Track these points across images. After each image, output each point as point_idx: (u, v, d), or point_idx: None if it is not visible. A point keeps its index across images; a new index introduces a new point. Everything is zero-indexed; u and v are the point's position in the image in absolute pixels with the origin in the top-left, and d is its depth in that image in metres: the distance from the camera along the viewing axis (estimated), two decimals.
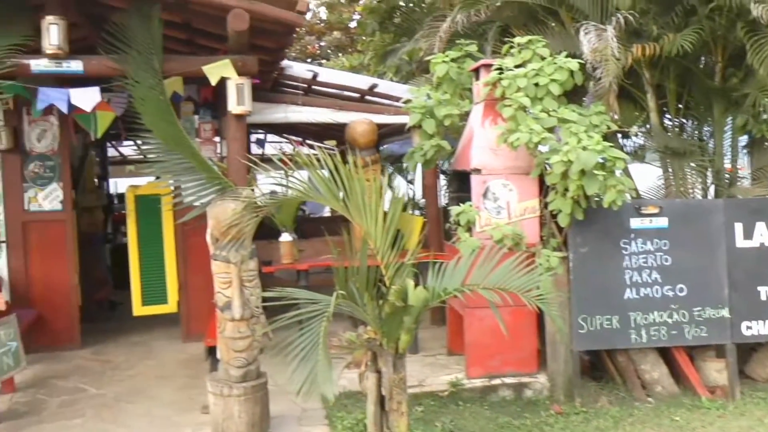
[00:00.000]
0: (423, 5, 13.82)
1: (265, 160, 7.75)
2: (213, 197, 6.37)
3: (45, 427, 7.09)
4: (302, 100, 9.59)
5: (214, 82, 6.58)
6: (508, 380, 7.52)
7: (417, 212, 13.21)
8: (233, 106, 6.51)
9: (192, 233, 9.49)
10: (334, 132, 11.53)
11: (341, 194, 5.48)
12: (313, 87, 10.29)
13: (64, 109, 6.90)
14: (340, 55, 23.63)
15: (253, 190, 6.36)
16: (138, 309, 9.75)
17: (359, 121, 9.06)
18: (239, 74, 6.49)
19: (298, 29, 7.33)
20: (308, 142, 14.82)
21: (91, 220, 11.66)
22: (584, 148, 6.53)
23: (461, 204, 7.37)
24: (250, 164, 6.57)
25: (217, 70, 6.51)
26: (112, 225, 14.80)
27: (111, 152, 16.76)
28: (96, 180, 13.15)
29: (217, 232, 6.13)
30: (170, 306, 9.78)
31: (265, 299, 6.28)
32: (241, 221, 5.91)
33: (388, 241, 5.46)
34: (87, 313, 10.38)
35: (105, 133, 8.22)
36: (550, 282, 6.40)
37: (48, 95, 6.81)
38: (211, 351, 7.35)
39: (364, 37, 18.08)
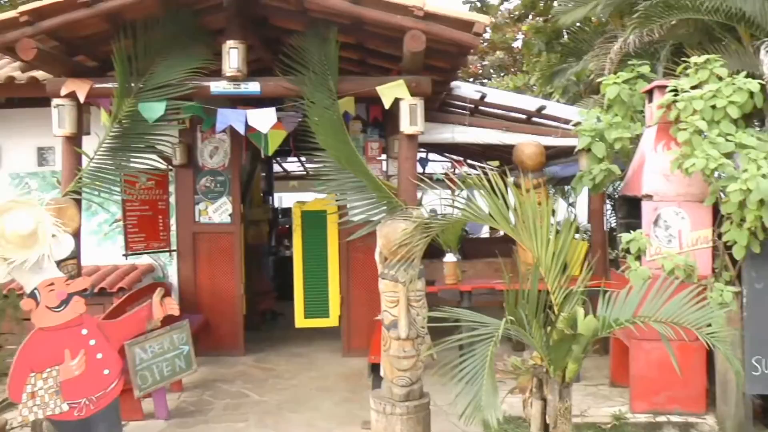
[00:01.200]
0: (590, 25, 13.57)
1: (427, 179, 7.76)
2: (383, 216, 6.43)
3: (211, 427, 7.41)
4: (469, 121, 9.56)
5: (387, 103, 6.64)
6: (674, 418, 7.18)
7: (578, 236, 12.96)
8: (406, 127, 6.54)
9: (355, 249, 9.68)
10: (498, 153, 11.48)
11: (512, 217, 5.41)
12: (480, 107, 10.24)
13: (242, 130, 7.12)
14: (502, 75, 23.51)
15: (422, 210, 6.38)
16: (300, 321, 9.95)
17: (527, 143, 8.98)
18: (412, 95, 6.52)
19: (472, 50, 7.29)
20: (469, 161, 14.79)
21: (257, 233, 12.02)
22: (764, 176, 6.22)
23: (630, 231, 7.17)
24: (420, 184, 6.61)
25: (391, 90, 6.56)
26: (275, 238, 15.19)
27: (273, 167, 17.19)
28: (261, 194, 13.47)
29: (387, 251, 6.20)
30: (331, 320, 9.95)
31: (430, 319, 6.30)
32: (411, 241, 5.95)
33: (558, 267, 5.35)
34: (250, 322, 10.70)
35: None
36: (723, 318, 6.13)
37: (227, 116, 7.05)
38: (374, 368, 7.41)
39: (529, 57, 17.94)
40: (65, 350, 5.50)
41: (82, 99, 6.76)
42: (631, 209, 7.98)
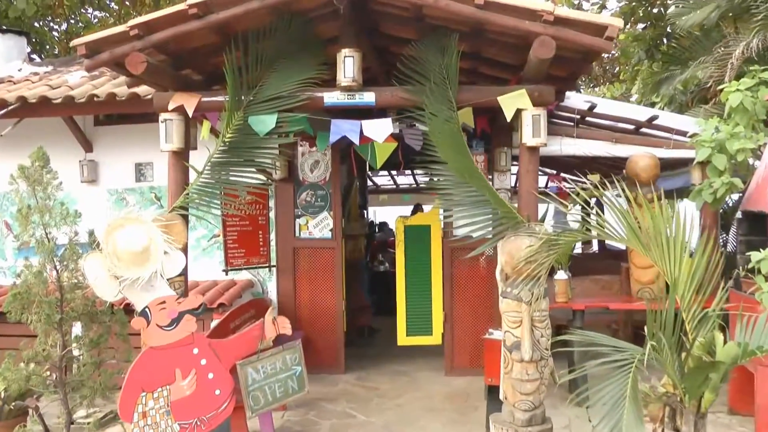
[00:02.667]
0: (693, 31, 13.08)
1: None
2: (504, 232, 6.09)
3: None
4: (577, 132, 9.22)
5: (509, 114, 6.28)
6: None
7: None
8: (528, 138, 6.17)
9: (459, 265, 9.51)
10: (597, 165, 11.08)
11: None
12: (586, 118, 9.86)
13: (356, 141, 6.79)
14: (591, 85, 22.97)
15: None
16: (402, 339, 9.72)
17: (641, 155, 8.56)
18: (534, 105, 6.18)
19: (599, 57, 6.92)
20: (562, 174, 14.37)
21: (355, 247, 11.79)
22: None
23: (759, 249, 6.68)
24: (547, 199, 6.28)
25: (513, 101, 6.20)
26: (369, 252, 14.99)
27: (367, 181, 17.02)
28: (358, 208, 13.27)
29: (510, 268, 5.86)
30: (434, 338, 9.69)
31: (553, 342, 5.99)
32: (536, 258, 5.62)
33: (693, 288, 5.00)
34: (348, 338, 10.43)
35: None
36: None
37: (340, 127, 6.74)
38: (491, 390, 7.07)
39: (625, 66, 17.45)
40: (176, 370, 5.40)
41: (190, 113, 6.57)
42: (753, 225, 7.55)
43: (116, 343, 6.49)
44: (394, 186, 20.43)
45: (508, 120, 6.34)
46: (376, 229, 16.83)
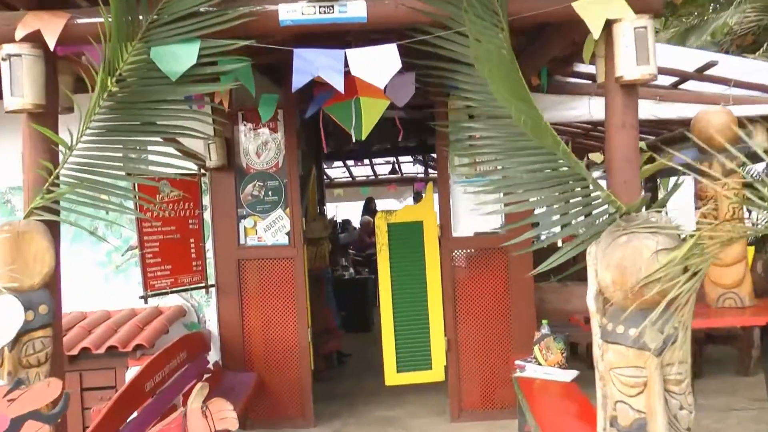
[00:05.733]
0: None
1: None
2: (602, 230, 3.53)
3: None
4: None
5: (596, 29, 3.68)
6: None
7: None
8: (629, 69, 3.58)
9: (461, 271, 7.31)
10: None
11: None
12: None
13: (340, 85, 4.02)
14: None
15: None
16: (391, 377, 7.35)
17: (715, 112, 6.32)
18: (637, 12, 3.70)
19: None
20: None
21: (317, 254, 9.26)
22: None
23: None
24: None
25: (600, 7, 3.65)
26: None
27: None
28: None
29: (621, 293, 3.31)
30: (435, 372, 7.31)
31: None
32: (675, 274, 3.14)
33: None
34: (314, 372, 7.89)
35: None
36: None
37: (309, 62, 3.97)
38: None
39: None
40: None
41: (52, 43, 3.92)
42: None
43: None
44: (350, 179, 18.16)
45: (596, 36, 3.79)
46: (339, 230, 14.41)
